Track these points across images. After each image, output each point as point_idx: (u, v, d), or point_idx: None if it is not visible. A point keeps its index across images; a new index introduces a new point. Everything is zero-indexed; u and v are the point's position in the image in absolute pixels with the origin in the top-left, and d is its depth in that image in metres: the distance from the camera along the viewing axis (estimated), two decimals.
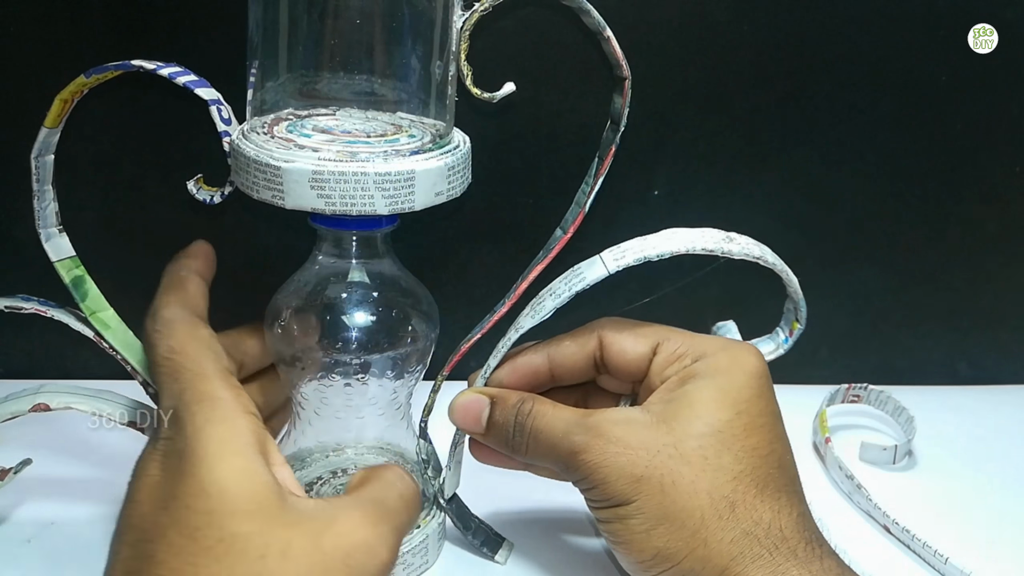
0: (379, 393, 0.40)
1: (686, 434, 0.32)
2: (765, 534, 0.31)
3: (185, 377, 0.31)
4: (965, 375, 0.58)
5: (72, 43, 0.46)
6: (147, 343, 0.33)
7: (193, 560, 0.26)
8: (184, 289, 0.35)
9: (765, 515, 0.32)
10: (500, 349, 0.36)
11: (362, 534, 0.29)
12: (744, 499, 0.32)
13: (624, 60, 0.34)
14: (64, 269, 0.37)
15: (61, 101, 0.34)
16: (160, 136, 0.47)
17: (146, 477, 0.29)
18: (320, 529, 0.28)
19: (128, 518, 0.29)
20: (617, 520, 0.32)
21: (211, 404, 0.29)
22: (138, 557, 0.27)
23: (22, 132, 0.35)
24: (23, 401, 0.37)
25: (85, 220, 0.39)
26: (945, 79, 0.50)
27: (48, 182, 0.36)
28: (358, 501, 0.31)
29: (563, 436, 0.34)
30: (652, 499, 0.32)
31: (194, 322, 0.33)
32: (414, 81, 0.36)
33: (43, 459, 0.41)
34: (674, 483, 0.32)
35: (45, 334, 0.51)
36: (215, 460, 0.28)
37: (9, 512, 0.42)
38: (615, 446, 0.32)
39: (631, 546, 0.32)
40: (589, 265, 0.35)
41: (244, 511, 0.27)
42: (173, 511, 0.27)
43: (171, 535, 0.27)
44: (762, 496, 0.32)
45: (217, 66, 0.35)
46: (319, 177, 0.31)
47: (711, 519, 0.31)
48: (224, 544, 0.27)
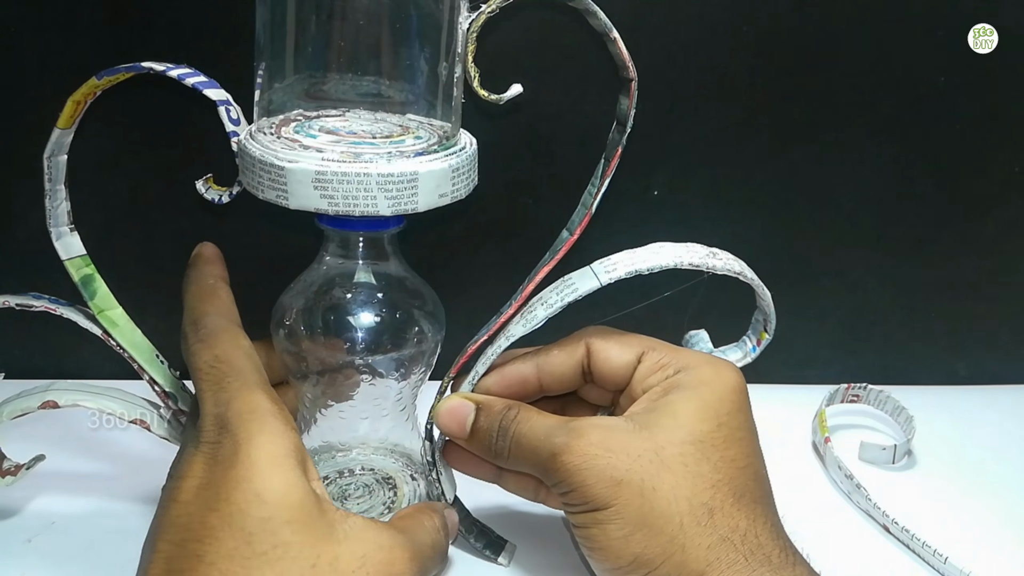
0: (384, 394, 0.40)
1: (668, 441, 0.33)
2: (742, 540, 0.31)
3: (232, 387, 0.32)
4: (964, 375, 0.58)
5: (75, 45, 0.46)
6: (189, 351, 0.34)
7: (246, 563, 0.28)
8: (219, 297, 0.35)
9: (742, 523, 0.32)
10: (489, 356, 0.37)
11: (401, 565, 0.31)
12: (722, 507, 0.32)
13: (631, 61, 0.35)
14: (74, 267, 0.37)
15: (74, 102, 0.34)
16: (172, 137, 0.47)
17: (191, 478, 0.30)
18: (366, 550, 0.30)
19: (172, 516, 0.29)
20: (595, 525, 0.32)
21: (261, 416, 0.31)
22: (184, 556, 0.28)
23: (23, 133, 0.35)
24: (33, 398, 0.37)
25: (93, 220, 0.39)
26: (945, 79, 0.50)
27: (61, 182, 0.36)
28: (400, 533, 0.32)
29: (545, 438, 0.34)
30: (631, 504, 0.32)
31: (236, 332, 0.34)
32: (420, 83, 0.36)
33: (46, 458, 0.40)
34: (654, 488, 0.32)
35: (52, 337, 0.51)
36: (270, 470, 0.29)
37: (10, 512, 0.41)
38: (596, 448, 0.32)
39: (607, 552, 0.32)
40: (581, 276, 0.35)
41: (299, 521, 0.29)
42: (226, 515, 0.28)
43: (223, 537, 0.28)
44: (739, 505, 0.32)
45: (231, 66, 0.35)
46: (322, 177, 0.31)
47: (690, 525, 0.31)
48: (278, 551, 0.28)
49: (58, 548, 0.39)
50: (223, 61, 0.36)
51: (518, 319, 0.36)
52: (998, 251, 0.55)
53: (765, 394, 0.55)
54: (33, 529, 0.40)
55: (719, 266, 0.35)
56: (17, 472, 0.39)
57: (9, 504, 0.42)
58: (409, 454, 0.43)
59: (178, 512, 0.29)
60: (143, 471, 0.44)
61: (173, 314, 0.35)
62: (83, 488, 0.43)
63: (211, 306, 0.35)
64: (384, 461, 0.42)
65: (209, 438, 0.31)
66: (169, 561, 0.28)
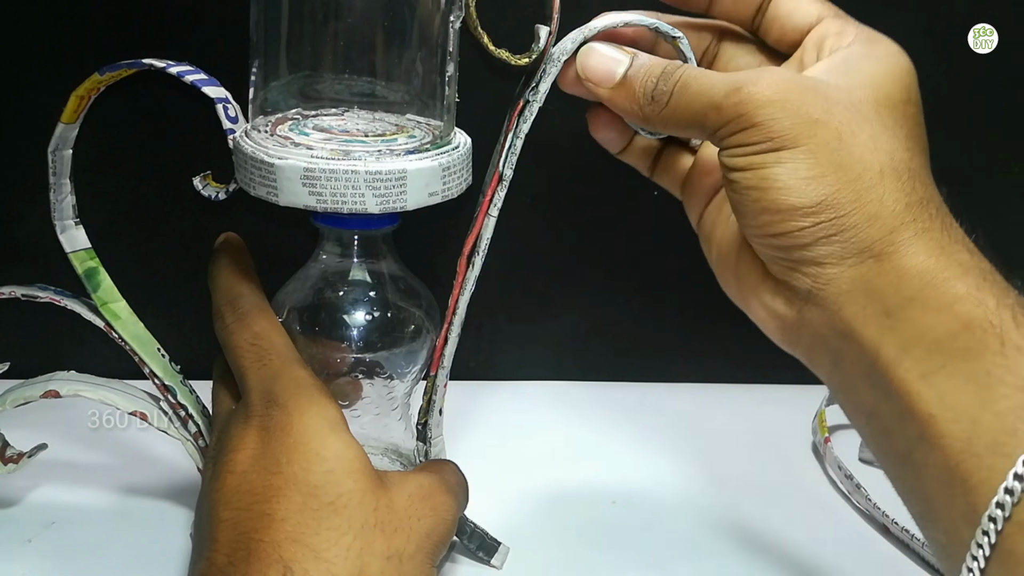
0: (377, 392, 0.39)
1: (865, 98, 0.29)
2: (937, 211, 0.28)
3: (275, 363, 0.33)
4: None
5: (74, 42, 0.45)
6: (227, 329, 0.34)
7: (316, 514, 0.29)
8: (252, 279, 0.36)
9: (936, 197, 0.29)
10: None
11: (440, 496, 0.33)
12: (919, 173, 0.29)
13: (558, 12, 0.33)
14: (77, 260, 0.37)
15: (77, 97, 0.34)
16: (171, 134, 0.47)
17: (245, 450, 0.31)
18: (410, 490, 0.32)
19: (232, 485, 0.30)
20: (777, 164, 0.28)
21: (307, 389, 0.32)
22: (253, 517, 0.29)
23: (22, 134, 0.35)
24: (35, 387, 0.37)
25: (92, 219, 0.39)
26: (945, 79, 0.49)
27: (66, 176, 0.36)
28: (432, 473, 0.34)
29: (721, 79, 0.30)
30: (827, 144, 0.28)
31: (271, 312, 0.35)
32: (412, 82, 0.36)
33: (46, 456, 0.40)
34: (853, 134, 0.28)
35: (52, 335, 0.50)
36: (326, 433, 0.31)
37: (10, 511, 0.41)
38: (789, 84, 0.29)
39: (790, 191, 0.28)
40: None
41: (358, 471, 0.30)
42: (289, 475, 0.30)
43: (290, 494, 0.29)
44: (930, 177, 0.29)
45: (236, 63, 0.35)
46: (310, 174, 0.31)
47: (890, 179, 0.28)
48: (343, 498, 0.29)
49: (58, 548, 0.39)
50: (231, 59, 0.36)
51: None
52: (998, 251, 0.54)
53: (765, 394, 0.55)
54: (33, 529, 0.40)
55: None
56: (19, 460, 0.39)
57: (9, 504, 0.41)
58: (401, 452, 0.42)
59: (237, 481, 0.30)
60: (144, 471, 0.44)
61: (172, 311, 0.35)
62: (83, 488, 0.42)
63: (245, 287, 0.35)
64: (380, 461, 0.42)
65: (258, 411, 0.31)
66: (238, 525, 0.29)
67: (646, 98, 0.31)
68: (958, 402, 0.26)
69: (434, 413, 0.37)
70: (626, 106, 0.32)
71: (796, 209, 0.28)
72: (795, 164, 0.28)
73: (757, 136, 0.28)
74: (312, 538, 0.28)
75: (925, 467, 0.26)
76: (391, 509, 0.30)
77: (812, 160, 0.28)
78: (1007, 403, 0.25)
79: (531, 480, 0.45)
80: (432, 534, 0.31)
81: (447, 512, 0.32)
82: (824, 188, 0.28)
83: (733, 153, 0.29)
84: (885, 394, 0.27)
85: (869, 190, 0.28)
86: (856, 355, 0.28)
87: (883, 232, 0.28)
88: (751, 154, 0.29)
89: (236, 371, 0.34)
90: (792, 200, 0.28)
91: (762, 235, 0.29)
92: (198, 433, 0.38)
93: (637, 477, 0.46)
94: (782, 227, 0.28)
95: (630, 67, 0.32)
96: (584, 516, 0.43)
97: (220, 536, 0.29)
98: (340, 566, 0.28)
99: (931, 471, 0.26)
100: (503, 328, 0.53)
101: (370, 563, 0.29)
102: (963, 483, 0.25)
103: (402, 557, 0.30)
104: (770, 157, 0.28)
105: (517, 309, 0.52)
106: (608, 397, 0.54)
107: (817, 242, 0.28)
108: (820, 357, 0.30)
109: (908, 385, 0.26)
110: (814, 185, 0.28)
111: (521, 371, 0.55)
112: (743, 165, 0.29)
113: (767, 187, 0.28)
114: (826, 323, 0.29)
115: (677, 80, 0.31)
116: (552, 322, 0.37)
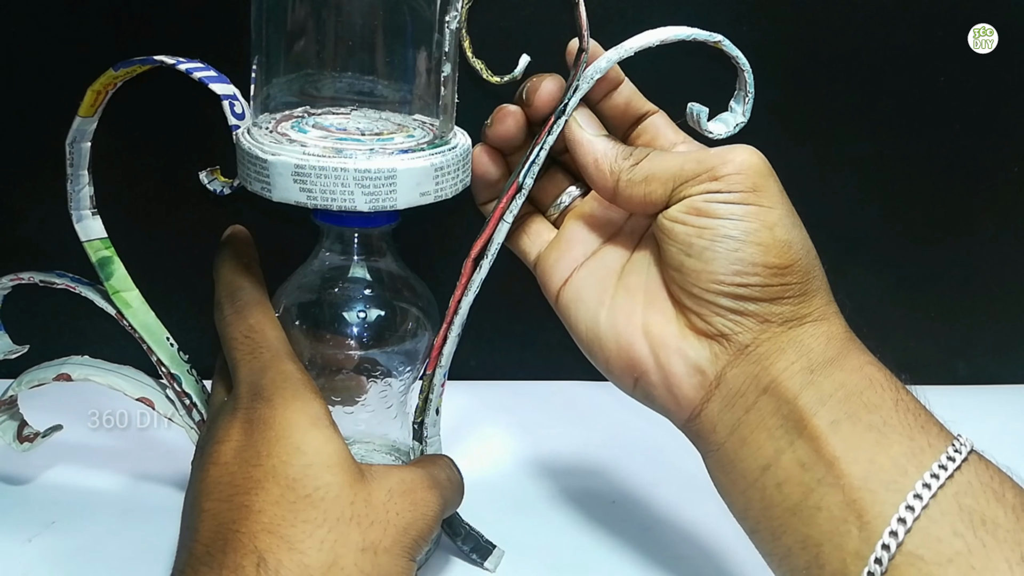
0: (375, 389, 0.39)
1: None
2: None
3: (265, 357, 0.32)
4: (963, 374, 0.56)
5: (74, 42, 0.45)
6: (224, 321, 0.34)
7: (292, 507, 0.28)
8: (253, 273, 0.36)
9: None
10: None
11: (422, 492, 0.32)
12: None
13: (586, 30, 0.33)
14: (92, 249, 0.37)
15: (94, 92, 0.34)
16: (181, 131, 0.47)
17: (229, 441, 0.30)
18: (391, 485, 0.31)
19: (214, 478, 0.30)
20: (758, 218, 0.31)
21: (293, 384, 0.31)
22: (232, 508, 0.29)
23: (23, 133, 0.35)
24: (49, 370, 0.37)
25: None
26: (945, 79, 0.48)
27: (83, 167, 0.36)
28: (418, 468, 0.33)
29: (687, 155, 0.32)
30: (793, 214, 0.32)
31: (268, 306, 0.35)
32: (410, 81, 0.35)
33: (47, 455, 0.40)
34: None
35: (63, 328, 0.50)
36: (307, 427, 0.30)
37: (10, 511, 0.40)
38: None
39: (768, 251, 0.30)
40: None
41: (337, 466, 0.30)
42: (268, 468, 0.29)
43: (268, 487, 0.29)
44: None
45: (245, 60, 0.35)
46: (301, 171, 0.30)
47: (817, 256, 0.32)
48: (320, 492, 0.29)
49: (58, 548, 0.38)
50: (241, 57, 0.36)
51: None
52: (998, 251, 0.53)
53: None
54: (33, 529, 0.39)
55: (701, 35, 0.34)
56: (35, 440, 0.39)
57: (9, 503, 0.41)
58: (399, 449, 0.41)
59: (220, 473, 0.30)
60: (144, 470, 0.43)
61: (171, 308, 0.35)
62: (83, 487, 0.42)
63: (247, 280, 0.35)
64: (380, 458, 0.41)
65: (244, 404, 0.31)
66: (217, 516, 0.29)
67: (620, 158, 0.34)
68: (859, 446, 0.28)
69: (430, 412, 0.37)
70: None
71: (771, 266, 0.30)
72: (782, 223, 0.30)
73: (741, 184, 0.31)
74: (288, 530, 0.28)
75: (820, 510, 0.28)
76: (368, 503, 0.30)
77: (790, 221, 0.31)
78: (899, 448, 0.28)
79: (531, 480, 0.45)
80: (411, 528, 0.30)
81: (428, 508, 0.32)
82: (796, 253, 0.30)
83: (712, 199, 0.31)
84: (790, 444, 0.29)
85: (816, 263, 0.31)
86: (771, 408, 0.30)
87: (824, 302, 0.31)
88: (733, 203, 0.31)
89: (230, 363, 0.33)
90: (770, 259, 0.30)
91: (726, 284, 0.31)
92: (201, 422, 0.38)
93: (637, 477, 0.46)
94: (752, 280, 0.30)
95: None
96: (584, 516, 0.42)
97: (201, 526, 0.29)
98: (313, 557, 0.28)
99: (826, 513, 0.28)
100: (503, 328, 0.53)
101: (344, 555, 0.28)
102: (858, 519, 0.27)
103: (377, 550, 0.29)
104: (752, 210, 0.30)
105: (517, 309, 0.51)
106: (608, 397, 0.53)
107: (774, 300, 0.31)
108: (725, 416, 0.31)
109: (819, 431, 0.29)
110: (790, 248, 0.30)
111: (521, 371, 0.54)
112: (724, 214, 0.31)
113: (746, 240, 0.30)
114: (750, 377, 0.31)
115: (645, 158, 0.33)
116: (552, 322, 0.37)
